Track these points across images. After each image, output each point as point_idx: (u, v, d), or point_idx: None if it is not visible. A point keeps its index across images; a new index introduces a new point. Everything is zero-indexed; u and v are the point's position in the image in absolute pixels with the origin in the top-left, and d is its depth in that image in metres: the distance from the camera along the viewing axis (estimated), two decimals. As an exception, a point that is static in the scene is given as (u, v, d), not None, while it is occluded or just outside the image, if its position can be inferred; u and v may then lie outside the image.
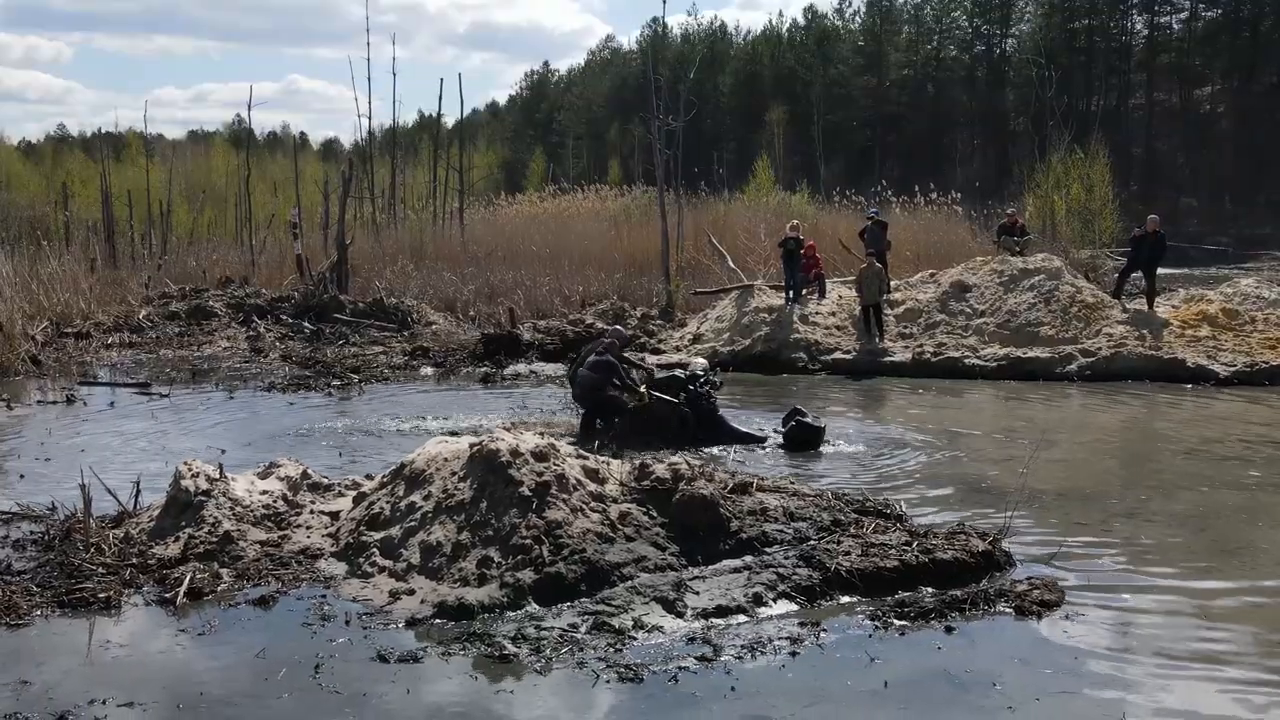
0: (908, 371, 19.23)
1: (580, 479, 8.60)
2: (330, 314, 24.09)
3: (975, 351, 19.35)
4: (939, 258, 27.61)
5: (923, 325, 20.36)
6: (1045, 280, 20.29)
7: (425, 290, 26.19)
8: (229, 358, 22.02)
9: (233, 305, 25.37)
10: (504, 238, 32.46)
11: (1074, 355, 18.82)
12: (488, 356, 20.45)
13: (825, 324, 20.73)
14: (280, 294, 26.26)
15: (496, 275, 26.52)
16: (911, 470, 11.95)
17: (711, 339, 21.04)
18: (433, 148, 43.32)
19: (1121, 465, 12.97)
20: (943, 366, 19.17)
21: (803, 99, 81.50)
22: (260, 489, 9.42)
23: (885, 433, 14.06)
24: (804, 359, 19.94)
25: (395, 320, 23.91)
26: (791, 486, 9.53)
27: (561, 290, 25.03)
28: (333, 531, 8.90)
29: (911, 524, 9.03)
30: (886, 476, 11.67)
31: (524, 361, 20.36)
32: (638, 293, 25.03)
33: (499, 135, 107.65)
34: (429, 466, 8.86)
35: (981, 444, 13.31)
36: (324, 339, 22.64)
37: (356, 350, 21.83)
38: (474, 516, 8.23)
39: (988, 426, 14.61)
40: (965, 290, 20.77)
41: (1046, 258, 21.16)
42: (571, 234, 32.31)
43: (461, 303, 25.00)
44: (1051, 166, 32.08)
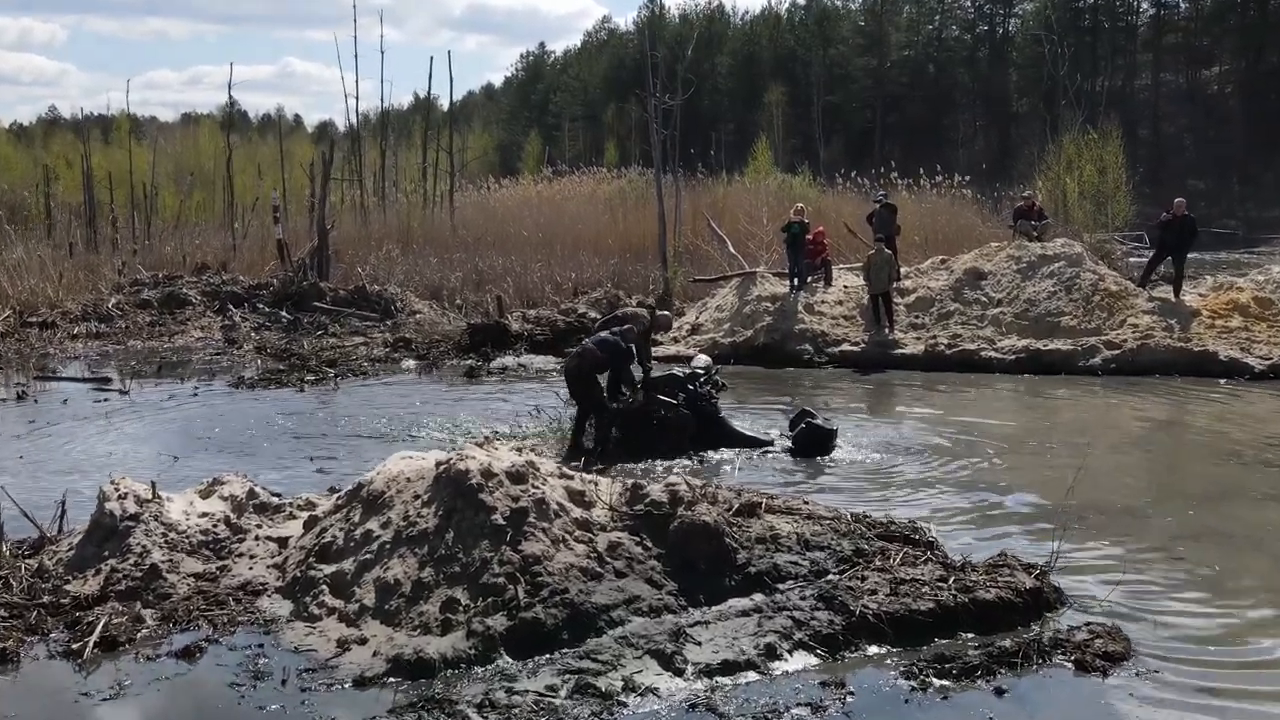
0: (920, 364, 18.06)
1: (563, 504, 7.43)
2: (310, 302, 22.89)
3: (992, 343, 18.18)
4: (947, 243, 26.40)
5: (935, 315, 19.19)
6: (1065, 267, 19.10)
7: (411, 277, 24.98)
8: (202, 349, 20.88)
9: (208, 293, 24.17)
10: (495, 222, 31.20)
11: (1098, 347, 17.64)
12: (473, 348, 19.27)
13: (832, 314, 19.56)
14: (259, 281, 25.06)
15: (486, 261, 25.30)
16: (934, 481, 10.79)
17: (711, 329, 19.86)
18: (424, 128, 41.97)
19: (1169, 472, 11.79)
20: (957, 359, 18.00)
21: (802, 80, 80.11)
22: (200, 511, 8.24)
23: (900, 435, 12.90)
24: (809, 351, 18.77)
25: (378, 309, 22.71)
26: (805, 507, 8.37)
27: (553, 277, 23.81)
28: (279, 562, 7.74)
29: (944, 553, 7.88)
30: (906, 489, 10.51)
31: (512, 353, 19.19)
32: (633, 279, 23.82)
33: (494, 118, 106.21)
34: (389, 488, 7.69)
35: (1008, 449, 12.15)
36: (301, 329, 21.45)
37: (336, 341, 20.64)
38: (438, 549, 7.06)
39: (1012, 428, 13.45)
40: (980, 278, 19.59)
41: (1066, 243, 19.97)
42: (565, 218, 31.05)
43: (448, 290, 23.79)
44: (1063, 147, 30.82)
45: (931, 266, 20.85)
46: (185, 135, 73.96)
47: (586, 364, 11.90)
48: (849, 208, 31.36)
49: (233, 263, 29.27)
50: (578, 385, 12.03)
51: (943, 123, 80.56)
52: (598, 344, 11.96)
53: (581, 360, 11.97)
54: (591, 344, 12.03)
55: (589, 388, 11.97)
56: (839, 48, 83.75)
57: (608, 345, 11.90)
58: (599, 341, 11.98)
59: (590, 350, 11.93)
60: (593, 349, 11.93)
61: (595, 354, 11.87)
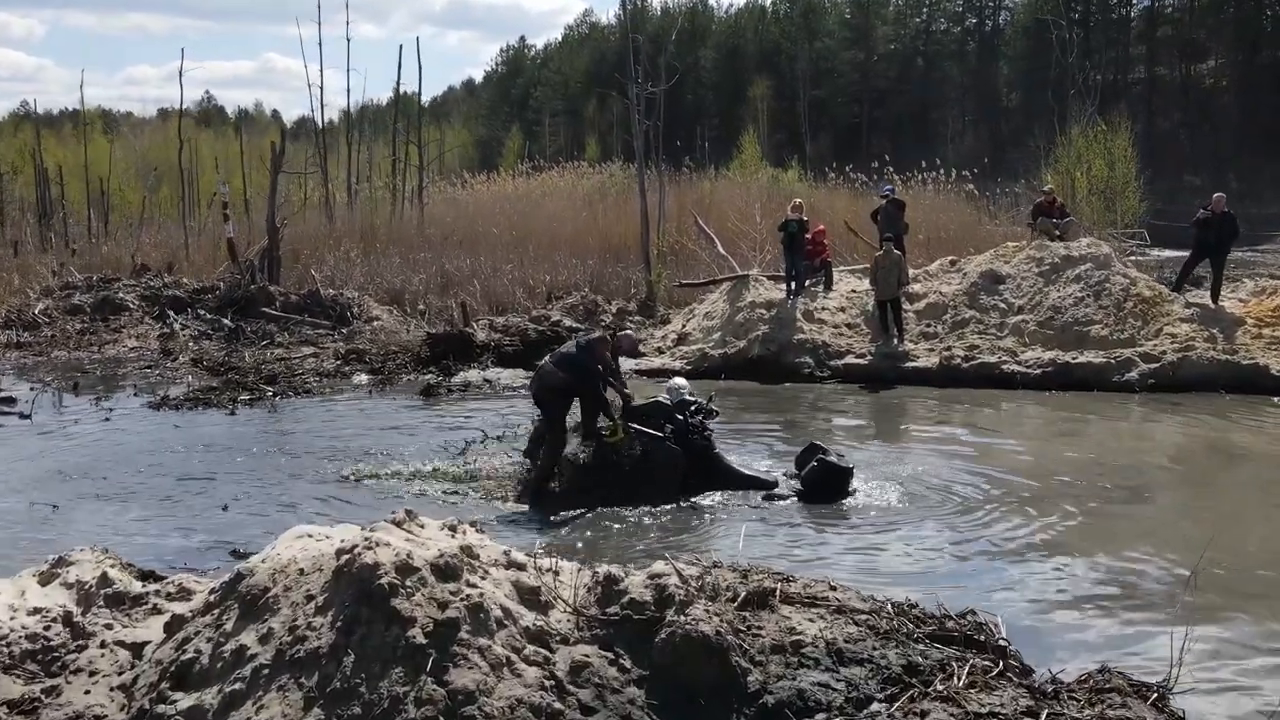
0: (934, 379, 16.12)
1: (509, 608, 5.42)
2: (258, 308, 20.79)
3: (1014, 355, 16.24)
4: (951, 242, 24.52)
5: (949, 323, 17.25)
6: (1093, 270, 17.19)
7: (371, 280, 22.89)
8: (135, 360, 18.82)
9: (147, 297, 22.05)
10: (466, 220, 29.09)
11: (1133, 360, 15.73)
12: (434, 361, 17.24)
13: (833, 321, 17.60)
14: (205, 284, 22.95)
15: (454, 262, 23.23)
16: (978, 537, 8.85)
17: (699, 339, 17.87)
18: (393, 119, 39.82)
19: (1271, 527, 9.75)
20: (976, 373, 16.06)
21: (787, 74, 78.27)
22: (32, 605, 6.18)
23: (925, 471, 10.92)
24: (810, 364, 16.80)
25: (333, 316, 20.64)
26: (831, 594, 6.36)
27: (525, 280, 21.77)
28: (126, 682, 5.70)
29: (1020, 662, 5.91)
30: (946, 551, 8.56)
31: (477, 367, 17.17)
32: (613, 283, 21.82)
33: (474, 113, 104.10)
34: (275, 583, 5.66)
35: (1060, 490, 10.20)
36: (244, 339, 19.34)
37: (282, 353, 18.56)
38: (332, 680, 5.04)
39: (1056, 460, 11.49)
40: (998, 282, 17.66)
41: (1093, 243, 18.05)
42: (541, 215, 28.98)
43: (411, 295, 21.70)
44: (1073, 140, 28.95)
45: (940, 269, 18.92)
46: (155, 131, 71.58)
47: (546, 387, 9.94)
48: (842, 204, 29.45)
49: (184, 264, 27.22)
50: (541, 406, 10.13)
51: (930, 117, 78.86)
52: (558, 361, 9.98)
53: (540, 383, 10.01)
54: (551, 362, 10.06)
55: (552, 415, 10.00)
56: (825, 41, 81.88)
57: (569, 362, 9.92)
58: (560, 359, 10.00)
59: (548, 370, 9.96)
60: (551, 368, 9.96)
61: (555, 374, 9.90)
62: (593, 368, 10.01)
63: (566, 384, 9.87)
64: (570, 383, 9.88)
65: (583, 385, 9.92)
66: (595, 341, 10.32)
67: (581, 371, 9.91)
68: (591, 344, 10.22)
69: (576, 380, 9.88)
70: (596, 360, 10.16)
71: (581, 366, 9.92)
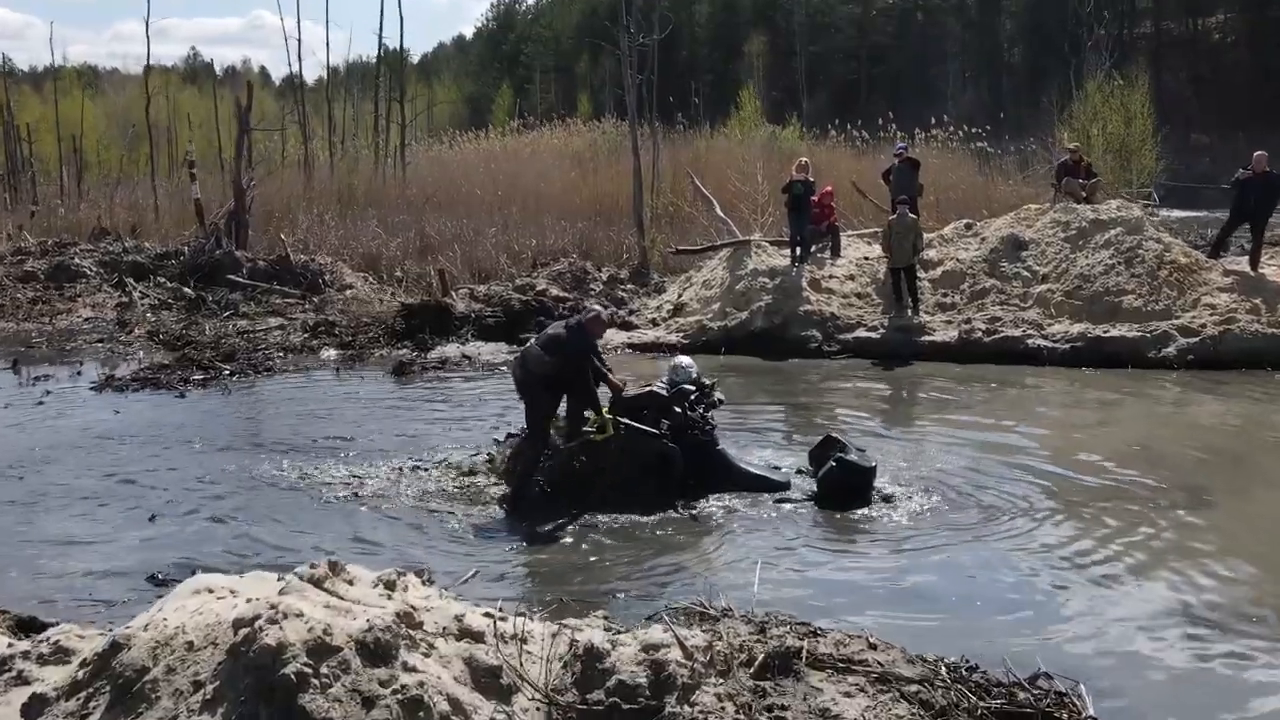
0: (953, 354, 14.81)
1: (460, 698, 4.13)
2: (224, 275, 19.38)
3: (1040, 328, 14.93)
4: (960, 204, 23.18)
5: (967, 293, 15.91)
6: (1124, 234, 15.83)
7: (346, 244, 21.44)
8: (88, 332, 17.45)
9: (106, 264, 20.64)
10: (449, 179, 27.57)
11: (1170, 334, 14.43)
12: (409, 335, 15.88)
13: (842, 291, 16.25)
14: (170, 249, 21.53)
15: (435, 225, 21.78)
16: (1022, 552, 7.58)
17: (697, 311, 16.52)
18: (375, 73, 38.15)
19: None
20: (998, 348, 14.75)
21: (784, 29, 76.21)
22: None
23: (955, 466, 9.63)
24: (817, 338, 15.47)
25: (303, 283, 19.22)
26: (872, 655, 5.09)
27: (510, 245, 20.35)
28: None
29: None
30: (988, 569, 7.28)
31: (456, 341, 15.82)
32: (604, 248, 20.41)
33: (464, 70, 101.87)
34: (156, 661, 4.35)
35: (1103, 488, 8.91)
36: (206, 309, 17.93)
37: (247, 324, 17.19)
38: (217, 809, 3.77)
39: (1094, 450, 10.16)
40: (1020, 247, 16.30)
41: (1123, 205, 16.67)
42: (529, 174, 27.45)
43: (388, 260, 20.27)
44: (1089, 95, 27.49)
45: (956, 233, 17.51)
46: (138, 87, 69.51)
47: (530, 372, 8.60)
48: (845, 163, 28.01)
49: (151, 227, 25.75)
50: (523, 396, 8.77)
51: (930, 74, 76.96)
52: (546, 344, 8.62)
53: (524, 367, 8.67)
54: (537, 345, 8.69)
55: (535, 404, 8.67)
56: (823, -5, 79.73)
57: (559, 345, 8.58)
58: (548, 341, 8.64)
59: (534, 355, 8.60)
60: (537, 352, 8.59)
61: (541, 360, 8.55)
62: (586, 352, 8.69)
63: (556, 370, 8.55)
64: (559, 369, 8.55)
65: (574, 373, 8.60)
66: (589, 321, 8.98)
67: (573, 357, 8.58)
68: (584, 324, 8.89)
69: (566, 367, 8.56)
70: (590, 343, 8.84)
71: (573, 351, 8.60)
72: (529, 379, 8.61)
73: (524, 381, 8.66)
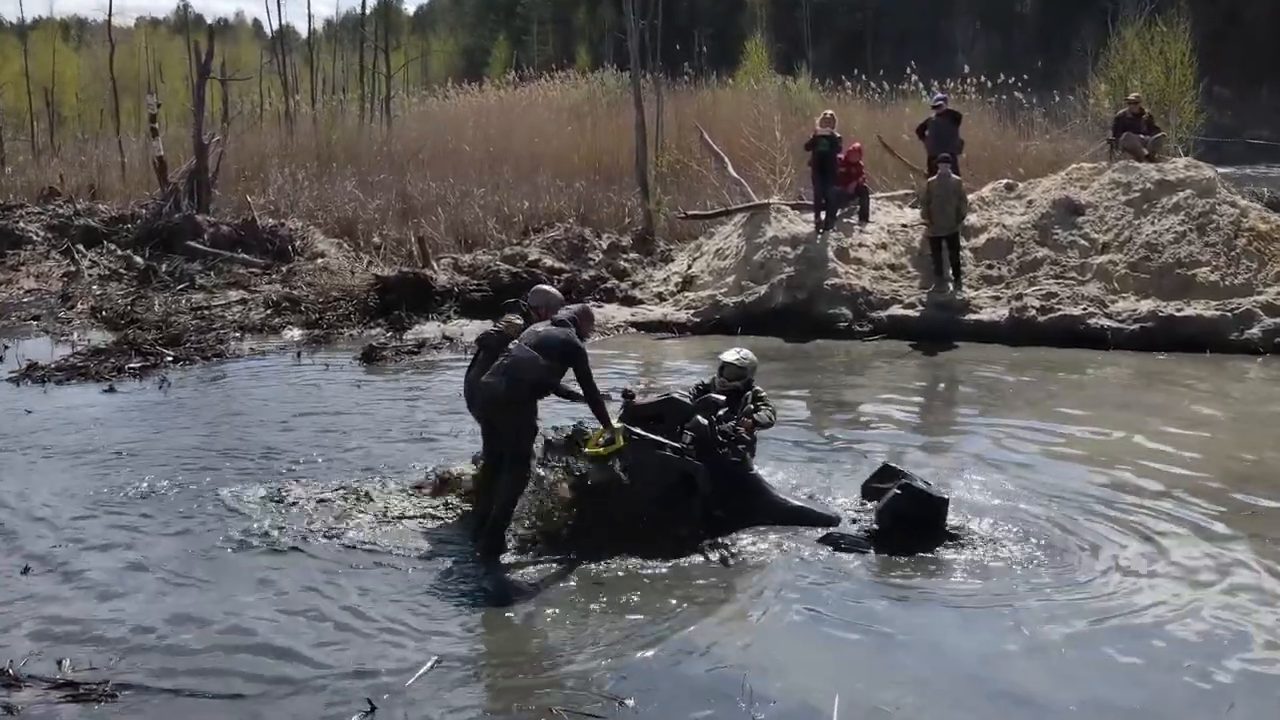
0: (1003, 335, 13.01)
1: None
2: (183, 241, 17.46)
3: (1103, 306, 13.09)
4: (989, 163, 21.18)
5: (1016, 264, 14.06)
6: (1194, 198, 13.96)
7: (321, 206, 19.48)
8: (28, 306, 15.62)
9: (55, 228, 18.74)
10: (437, 135, 25.47)
11: (1253, 313, 12.60)
12: (384, 312, 14.05)
13: (874, 262, 14.40)
14: (127, 211, 19.61)
15: (418, 185, 19.81)
16: (1144, 612, 5.80)
17: (710, 284, 14.67)
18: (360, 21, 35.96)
19: None
20: (1055, 328, 12.93)
21: (788, -23, 73.62)
22: None
23: (1029, 484, 7.82)
24: (846, 316, 13.64)
25: (271, 250, 17.32)
26: None
27: (500, 208, 18.41)
28: None
29: None
30: (1113, 647, 5.48)
31: (437, 318, 14.01)
32: (604, 210, 18.47)
33: (460, 21, 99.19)
34: None
35: (1240, 521, 7.10)
36: (158, 280, 16.03)
37: (204, 298, 15.34)
38: None
39: (1198, 462, 8.32)
40: (1075, 212, 14.42)
41: (1192, 164, 14.75)
42: (523, 130, 25.36)
43: (365, 224, 18.33)
44: (1128, 43, 25.41)
45: (997, 195, 15.61)
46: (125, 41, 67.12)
47: (519, 383, 6.70)
48: (860, 117, 25.91)
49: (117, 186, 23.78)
50: (505, 419, 6.83)
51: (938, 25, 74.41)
52: (541, 345, 6.73)
53: (516, 377, 6.71)
54: (529, 347, 6.77)
55: (520, 425, 6.80)
56: (827, -58, 76.99)
57: (557, 345, 6.73)
58: (542, 341, 6.75)
59: (527, 358, 6.69)
60: (530, 356, 6.69)
61: (536, 363, 6.67)
62: (583, 347, 6.86)
63: (551, 376, 6.71)
64: (550, 376, 6.71)
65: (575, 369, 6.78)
66: (583, 318, 7.17)
67: (574, 356, 6.75)
68: (582, 317, 7.09)
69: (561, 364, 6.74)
70: (584, 338, 7.02)
71: (575, 349, 6.76)
72: (517, 394, 6.69)
73: (509, 398, 6.71)
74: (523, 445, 6.76)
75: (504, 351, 6.81)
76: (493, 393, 6.69)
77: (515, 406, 6.69)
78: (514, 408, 6.70)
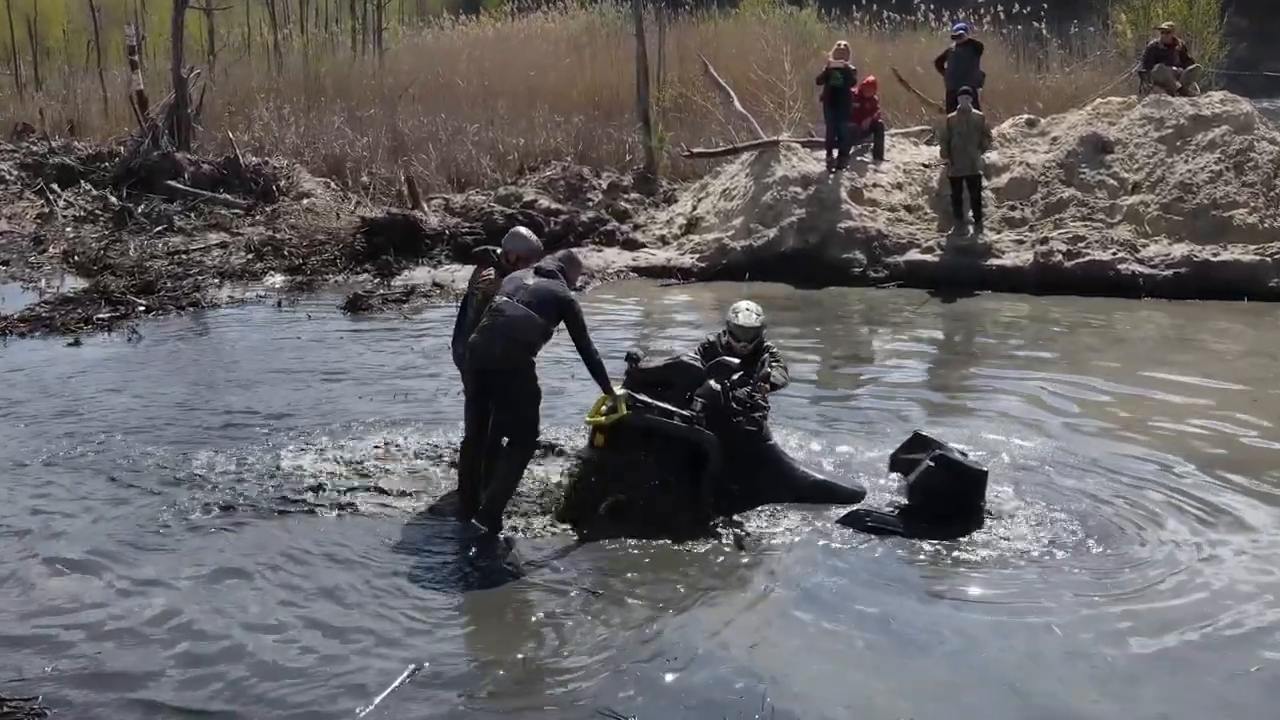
0: (1028, 282, 12.26)
1: None
2: (162, 181, 16.60)
3: (1133, 250, 12.33)
4: (1003, 98, 20.21)
5: (1040, 206, 13.26)
6: (1231, 134, 13.13)
7: (309, 143, 18.57)
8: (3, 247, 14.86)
9: (29, 167, 17.86)
10: (430, 68, 24.44)
11: (1295, 258, 11.86)
12: (371, 256, 13.30)
13: (889, 203, 13.61)
14: (107, 149, 18.70)
15: (409, 122, 18.90)
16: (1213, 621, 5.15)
17: (715, 226, 13.89)
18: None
19: None
20: (1083, 274, 12.17)
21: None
22: None
23: (1074, 454, 7.16)
24: (860, 261, 12.88)
25: (254, 190, 16.48)
26: None
27: (495, 145, 17.52)
28: None
29: None
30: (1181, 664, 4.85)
31: (427, 263, 13.27)
32: (603, 148, 17.58)
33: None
34: None
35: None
36: (134, 222, 15.23)
37: (181, 242, 14.56)
38: None
39: (1275, 428, 7.67)
40: (1103, 149, 13.59)
41: (1229, 98, 13.88)
42: (519, 62, 24.32)
43: (353, 162, 17.47)
44: (1149, -32, 24.34)
45: (1019, 131, 14.75)
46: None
47: (519, 341, 5.98)
48: (870, 50, 24.85)
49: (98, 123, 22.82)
50: (501, 384, 6.11)
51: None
52: (536, 302, 6.02)
53: (510, 337, 5.99)
54: (522, 304, 6.05)
55: (522, 392, 6.10)
56: None
57: (552, 302, 6.03)
58: (537, 298, 6.04)
59: (521, 317, 5.97)
60: (525, 315, 5.97)
61: (532, 323, 5.97)
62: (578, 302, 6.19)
63: (541, 335, 6.03)
64: (543, 332, 6.03)
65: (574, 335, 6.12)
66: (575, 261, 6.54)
67: (570, 314, 6.07)
68: (569, 264, 6.42)
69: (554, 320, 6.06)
70: (572, 287, 6.35)
71: (571, 306, 6.08)
72: (512, 355, 5.98)
73: (505, 362, 5.98)
74: (526, 413, 6.09)
75: (489, 308, 6.10)
76: (486, 357, 5.99)
77: (512, 371, 6.00)
78: (511, 373, 6.00)
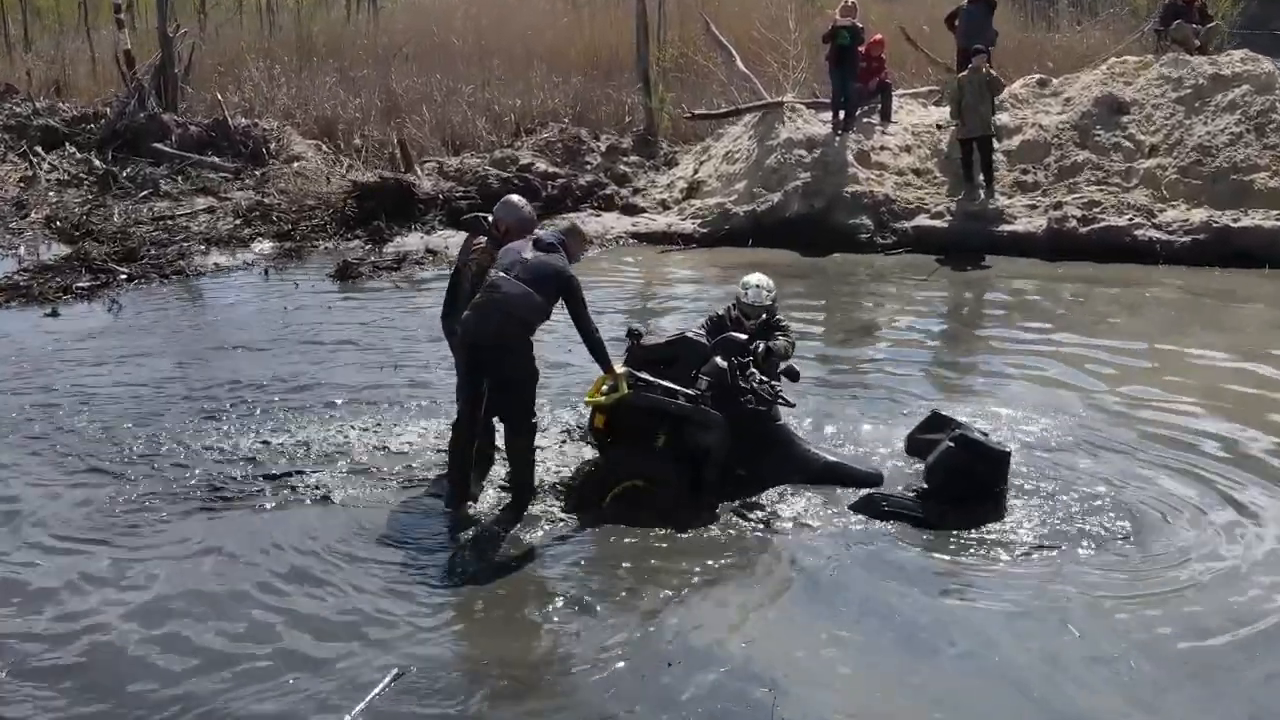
0: (1040, 248, 11.88)
1: None
2: (149, 143, 16.15)
3: (1150, 215, 11.92)
4: (1021, 56, 19.69)
5: (1053, 169, 12.83)
6: (1252, 94, 12.67)
7: (300, 105, 18.08)
8: (-17, 213, 14.43)
9: (12, 129, 17.41)
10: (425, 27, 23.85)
11: (1317, 223, 11.46)
12: (362, 221, 12.89)
13: (897, 166, 13.18)
14: (92, 110, 18.24)
15: (403, 82, 18.39)
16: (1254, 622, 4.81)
17: (717, 190, 13.48)
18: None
19: None
20: (1098, 240, 11.78)
21: None
22: None
23: (1096, 432, 6.82)
24: (868, 227, 12.48)
25: (244, 153, 16.03)
26: None
27: (490, 106, 17.03)
28: None
29: None
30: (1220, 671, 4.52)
31: (420, 229, 12.86)
32: (602, 109, 17.11)
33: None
34: None
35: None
36: (119, 186, 14.79)
37: (167, 207, 14.14)
38: None
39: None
40: (1119, 110, 13.14)
41: (1249, 57, 13.41)
42: (516, 21, 23.74)
43: (345, 124, 16.99)
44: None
45: (1030, 92, 14.28)
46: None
47: (515, 317, 5.61)
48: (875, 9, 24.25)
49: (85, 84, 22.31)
50: (497, 363, 5.73)
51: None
52: (535, 279, 5.64)
53: (505, 312, 5.61)
54: (520, 280, 5.66)
55: (520, 372, 5.73)
56: None
57: (552, 279, 5.67)
58: (536, 275, 5.66)
59: (519, 295, 5.60)
60: (523, 292, 5.60)
61: (530, 300, 5.59)
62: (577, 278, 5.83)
63: (540, 311, 5.66)
64: (542, 309, 5.67)
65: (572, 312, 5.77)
66: (578, 233, 6.16)
67: (570, 290, 5.71)
68: (571, 237, 6.04)
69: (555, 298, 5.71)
70: (574, 261, 5.98)
71: (571, 282, 5.71)
72: (508, 332, 5.61)
73: (500, 340, 5.62)
74: (523, 393, 5.74)
75: (485, 284, 5.72)
76: (479, 333, 5.63)
77: (507, 347, 5.64)
78: (506, 348, 5.64)
